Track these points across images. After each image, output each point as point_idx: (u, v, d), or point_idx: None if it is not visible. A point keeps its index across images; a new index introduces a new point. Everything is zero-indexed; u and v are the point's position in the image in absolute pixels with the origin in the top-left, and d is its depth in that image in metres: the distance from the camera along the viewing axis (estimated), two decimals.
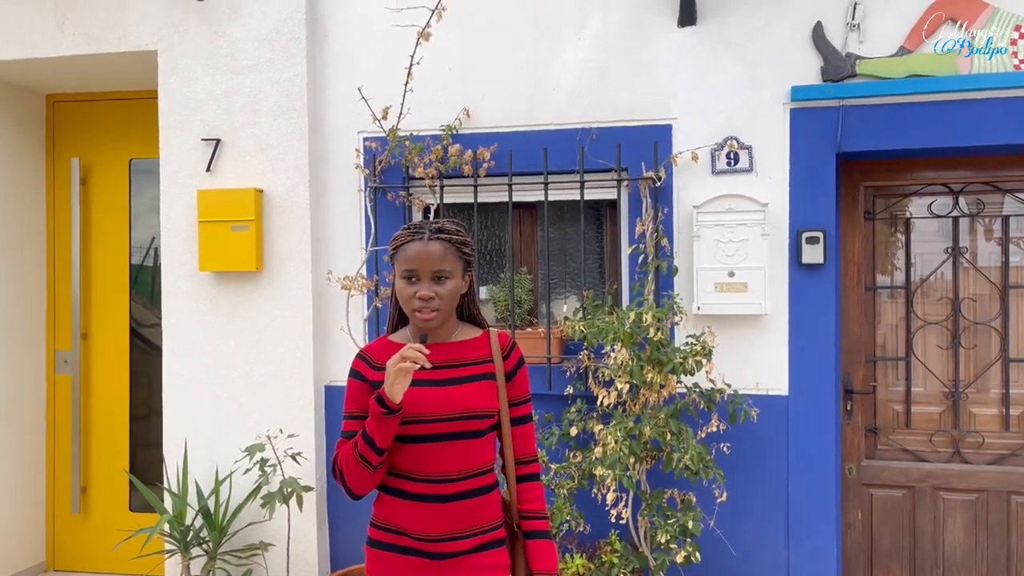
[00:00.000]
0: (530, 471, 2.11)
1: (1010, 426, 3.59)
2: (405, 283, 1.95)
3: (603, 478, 3.12)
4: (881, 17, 3.37)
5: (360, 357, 2.05)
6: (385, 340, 2.08)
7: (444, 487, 1.96)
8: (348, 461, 1.93)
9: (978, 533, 3.60)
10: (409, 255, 1.94)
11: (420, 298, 1.93)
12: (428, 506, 1.96)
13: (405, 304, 1.96)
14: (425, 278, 1.93)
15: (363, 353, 2.05)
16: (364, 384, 2.01)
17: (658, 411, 3.24)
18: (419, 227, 1.98)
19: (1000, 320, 3.59)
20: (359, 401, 2.01)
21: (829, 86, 3.38)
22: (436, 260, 1.93)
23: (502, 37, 3.72)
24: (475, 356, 2.05)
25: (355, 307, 3.79)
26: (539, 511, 2.10)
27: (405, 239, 1.97)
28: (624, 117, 3.61)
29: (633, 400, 3.29)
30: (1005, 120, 3.26)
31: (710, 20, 3.52)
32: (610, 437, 3.15)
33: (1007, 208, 3.59)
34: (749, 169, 3.49)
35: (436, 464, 1.96)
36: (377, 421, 1.87)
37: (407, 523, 1.97)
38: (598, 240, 3.89)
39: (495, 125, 3.72)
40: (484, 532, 2.01)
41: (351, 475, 1.94)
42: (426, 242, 1.94)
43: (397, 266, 1.98)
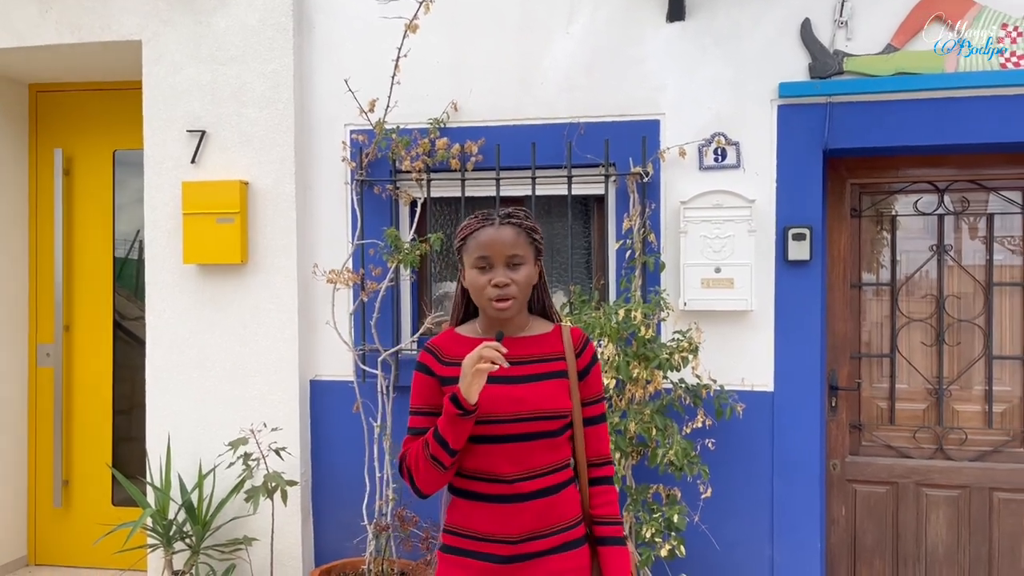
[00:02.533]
0: (603, 474, 2.00)
1: (993, 423, 3.61)
2: (478, 272, 1.87)
3: None
4: (869, 14, 3.37)
5: (427, 350, 1.95)
6: (452, 333, 1.99)
7: (519, 486, 1.88)
8: (418, 461, 1.85)
9: (960, 529, 3.62)
10: (481, 242, 1.86)
11: (496, 285, 1.84)
12: (504, 507, 1.88)
13: (478, 295, 1.88)
14: (499, 264, 1.85)
15: (430, 346, 1.96)
16: (431, 379, 1.92)
17: (644, 407, 3.24)
18: (487, 214, 1.90)
19: (984, 318, 3.61)
20: (426, 397, 1.92)
21: (817, 83, 3.39)
22: (509, 245, 1.86)
23: (490, 30, 3.70)
24: (548, 352, 1.96)
25: (341, 301, 3.77)
26: (613, 516, 1.98)
27: (475, 226, 1.89)
28: (612, 112, 3.60)
29: (619, 395, 3.29)
30: (990, 118, 3.28)
31: (698, 16, 3.52)
32: None
33: (992, 206, 3.61)
34: (736, 165, 3.49)
35: (509, 464, 1.88)
36: (451, 422, 1.78)
37: (483, 526, 1.89)
38: (585, 235, 3.88)
39: (483, 119, 3.71)
40: (563, 530, 1.92)
41: (421, 475, 1.85)
42: (498, 227, 1.87)
43: (467, 256, 1.89)
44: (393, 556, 3.60)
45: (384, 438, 3.65)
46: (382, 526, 3.57)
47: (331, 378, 3.85)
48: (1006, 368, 3.61)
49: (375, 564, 3.57)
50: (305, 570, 3.80)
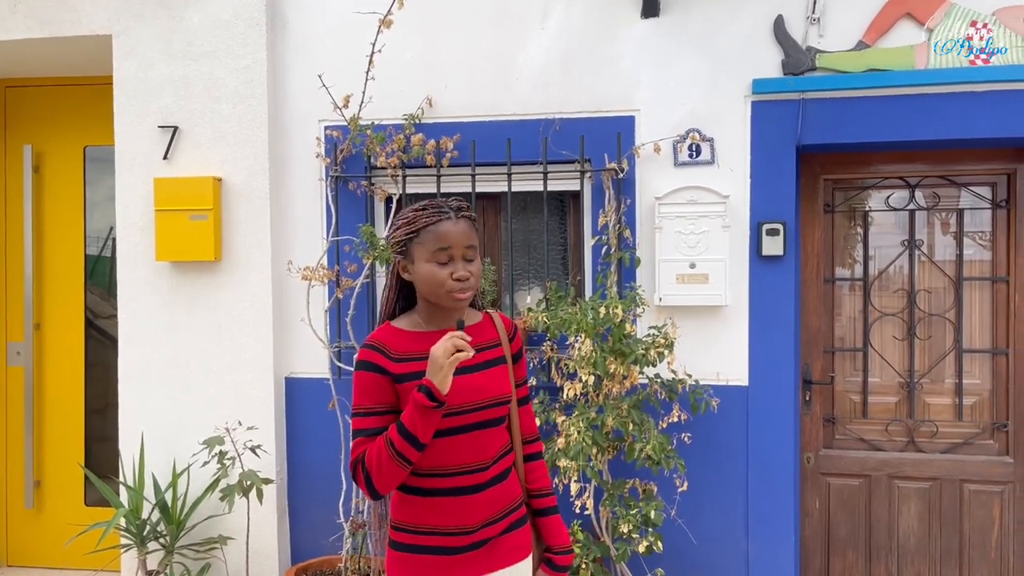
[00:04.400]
0: (535, 450, 2.11)
1: (963, 416, 3.66)
2: (436, 266, 1.85)
3: (566, 469, 3.12)
4: (840, 11, 3.40)
5: (374, 348, 1.89)
6: (391, 328, 1.94)
7: (478, 476, 1.92)
8: (380, 461, 1.80)
9: (931, 521, 3.67)
10: (440, 234, 1.85)
11: (459, 279, 1.85)
12: (465, 498, 1.90)
13: (436, 288, 1.86)
14: (458, 258, 1.86)
15: (375, 344, 1.90)
16: (382, 377, 1.87)
17: (620, 402, 3.26)
18: (439, 206, 1.89)
19: (954, 312, 3.66)
20: (378, 396, 1.87)
21: (790, 79, 3.41)
22: (467, 238, 1.87)
23: (465, 26, 3.69)
24: (488, 340, 2.00)
25: (316, 298, 3.75)
26: (547, 488, 2.11)
27: (430, 219, 1.87)
28: (587, 108, 3.60)
29: (596, 391, 3.30)
30: (960, 115, 3.32)
31: (673, 12, 3.53)
32: (573, 428, 3.16)
33: (962, 202, 3.65)
34: (711, 161, 3.51)
35: (468, 455, 1.90)
36: (423, 415, 1.77)
37: (441, 519, 1.90)
38: (561, 231, 3.88)
39: (458, 115, 3.70)
40: (512, 511, 2.01)
41: (383, 476, 1.81)
42: (456, 220, 1.87)
43: (420, 248, 1.86)
44: (370, 554, 3.59)
45: None
46: (358, 524, 3.55)
47: (307, 375, 3.82)
48: (975, 361, 3.66)
49: (351, 562, 3.55)
50: (281, 568, 3.78)
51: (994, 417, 3.64)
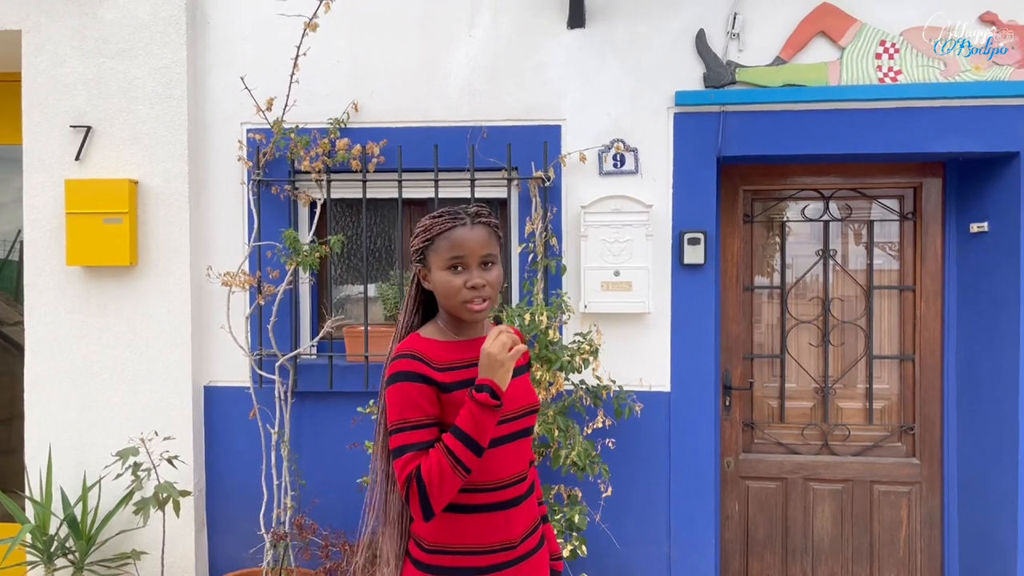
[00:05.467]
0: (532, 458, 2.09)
1: (873, 419, 3.81)
2: (450, 273, 1.78)
3: None
4: (759, 28, 3.51)
5: (415, 358, 1.78)
6: (421, 338, 1.84)
7: (519, 487, 1.87)
8: (442, 474, 1.69)
9: (844, 521, 3.80)
10: (454, 242, 1.78)
11: (473, 287, 1.78)
12: (509, 512, 1.85)
13: (451, 297, 1.79)
14: (474, 265, 1.79)
15: (415, 353, 1.79)
16: (429, 387, 1.76)
17: (547, 408, 3.27)
18: (454, 213, 1.82)
19: (865, 319, 3.81)
20: (426, 407, 1.76)
21: (710, 92, 3.50)
22: (484, 245, 1.79)
23: (393, 31, 3.67)
24: None
25: (237, 304, 3.66)
26: (542, 496, 2.12)
27: (445, 225, 1.80)
28: (515, 116, 3.62)
29: None
30: (870, 130, 3.45)
31: (598, 23, 3.58)
32: None
33: (873, 214, 3.81)
34: (635, 171, 3.57)
35: (512, 466, 1.85)
36: (486, 416, 1.71)
37: (488, 536, 1.82)
38: None
39: (385, 120, 3.67)
40: (540, 524, 2.00)
41: (443, 490, 1.71)
42: (471, 227, 1.80)
43: (436, 256, 1.80)
44: (292, 565, 3.52)
45: (282, 445, 3.57)
46: (280, 535, 3.48)
47: (226, 384, 3.73)
48: (885, 367, 3.82)
49: (272, 573, 3.47)
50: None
51: (902, 420, 3.80)
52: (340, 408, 3.65)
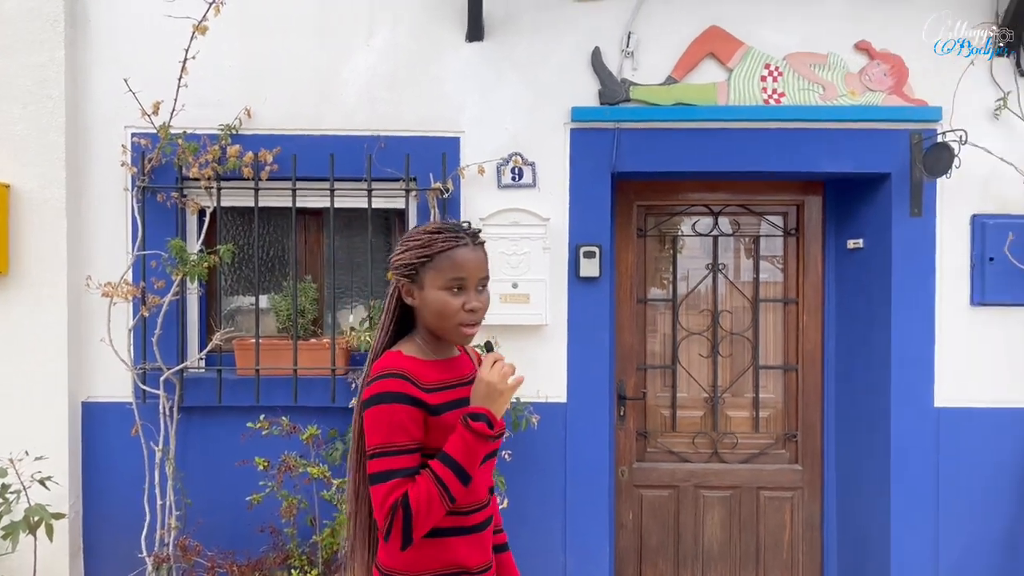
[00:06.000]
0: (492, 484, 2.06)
1: (760, 427, 3.96)
2: (448, 294, 1.73)
3: None
4: (652, 47, 3.61)
5: (404, 378, 1.70)
6: (403, 356, 1.77)
7: (487, 510, 1.84)
8: (431, 502, 1.64)
9: (732, 527, 3.93)
10: (457, 262, 1.73)
11: (471, 310, 1.74)
12: (482, 535, 1.81)
13: (446, 318, 1.73)
14: (472, 287, 1.75)
15: (401, 373, 1.71)
16: (417, 410, 1.69)
17: None
18: (455, 231, 1.76)
19: (752, 331, 3.96)
20: (412, 431, 1.68)
21: (606, 109, 3.57)
22: (482, 267, 1.76)
23: (288, 37, 3.59)
24: (472, 371, 1.90)
25: (119, 316, 3.49)
26: (501, 524, 2.12)
27: (447, 244, 1.73)
28: (413, 127, 3.60)
29: None
30: (756, 149, 3.59)
31: (497, 38, 3.60)
32: None
33: (760, 229, 3.96)
34: (532, 185, 3.60)
35: (483, 489, 1.82)
36: (481, 446, 1.68)
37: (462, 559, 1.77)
38: (387, 249, 3.85)
39: (279, 127, 3.58)
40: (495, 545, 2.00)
41: (428, 519, 1.65)
42: (472, 247, 1.76)
43: (433, 274, 1.74)
44: None
45: (167, 463, 3.42)
46: (162, 557, 3.33)
47: (107, 400, 3.55)
48: (770, 377, 3.97)
49: None
50: None
51: (786, 428, 3.96)
52: (229, 423, 3.52)
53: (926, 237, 3.54)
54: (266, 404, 3.51)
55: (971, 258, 3.54)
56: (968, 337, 3.55)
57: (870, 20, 3.57)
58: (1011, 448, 3.55)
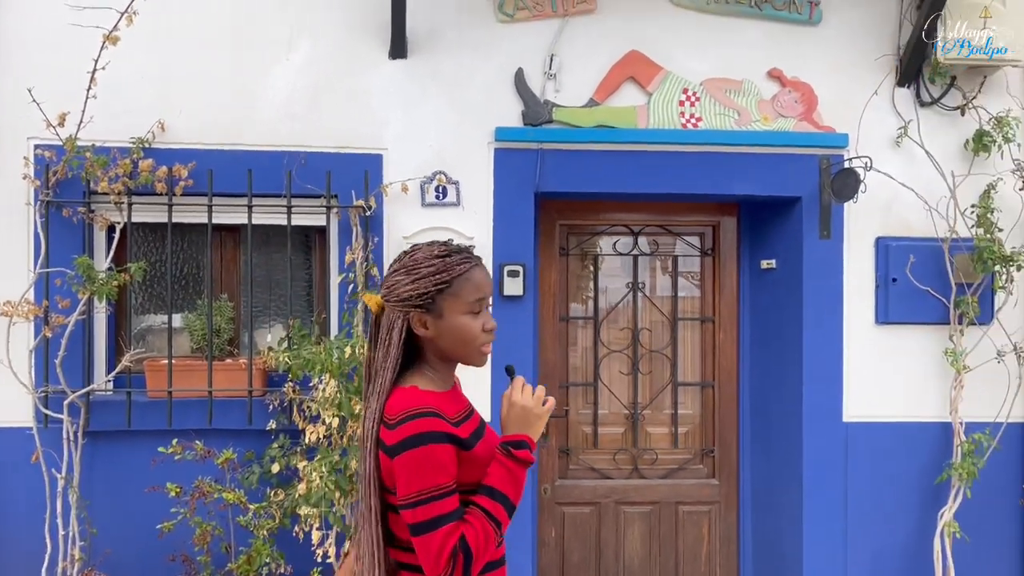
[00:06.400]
0: None
1: (678, 443, 4.04)
2: (471, 318, 1.68)
3: (307, 517, 3.01)
4: (574, 70, 3.66)
5: (438, 416, 1.61)
6: (420, 392, 1.67)
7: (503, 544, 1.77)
8: (488, 540, 1.58)
9: (652, 542, 3.99)
10: (476, 283, 1.68)
11: (490, 330, 1.71)
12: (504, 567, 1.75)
13: (469, 343, 1.68)
14: (486, 307, 1.73)
15: (436, 411, 1.61)
16: (453, 447, 1.61)
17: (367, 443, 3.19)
18: (463, 252, 1.70)
19: (671, 348, 4.04)
20: (452, 471, 1.60)
21: (529, 130, 3.60)
22: (491, 286, 1.76)
23: (205, 49, 3.49)
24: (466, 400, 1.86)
25: (19, 337, 3.31)
26: None
27: (463, 267, 1.67)
28: (335, 144, 3.55)
29: (340, 433, 3.22)
30: (674, 172, 3.68)
31: (421, 56, 3.59)
32: (315, 473, 3.06)
33: (677, 249, 4.06)
34: (457, 203, 3.60)
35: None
36: (523, 473, 1.66)
37: None
38: (306, 267, 3.77)
39: (195, 141, 3.48)
40: None
41: (485, 558, 1.60)
42: (481, 267, 1.72)
43: (454, 299, 1.67)
44: None
45: (70, 490, 3.25)
46: None
47: (5, 425, 3.36)
48: (688, 393, 4.06)
49: None
50: None
51: (703, 443, 4.05)
52: (140, 448, 3.38)
53: (834, 258, 3.70)
54: (179, 427, 3.38)
55: (876, 279, 3.70)
56: (873, 354, 3.71)
57: (782, 49, 3.71)
58: (914, 460, 3.72)
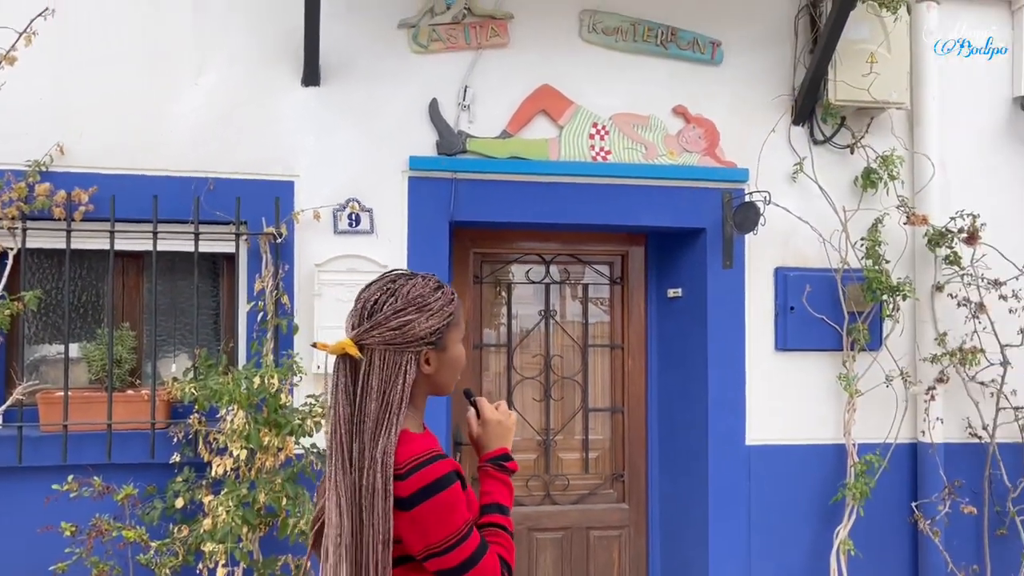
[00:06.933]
0: None
1: (589, 468, 4.11)
2: (462, 345, 1.69)
3: (213, 553, 2.92)
4: (488, 102, 3.71)
5: (446, 457, 1.58)
6: (415, 435, 1.60)
7: None
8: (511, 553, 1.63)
9: (564, 567, 4.03)
10: (462, 315, 1.69)
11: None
12: None
13: (457, 372, 1.68)
14: None
15: (440, 453, 1.58)
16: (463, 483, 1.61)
17: (274, 475, 3.13)
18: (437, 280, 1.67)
19: (582, 375, 4.12)
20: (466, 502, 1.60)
21: (443, 159, 3.63)
22: None
23: (111, 71, 3.39)
24: None
25: None
26: None
27: (455, 294, 1.68)
28: (246, 170, 3.50)
29: (248, 466, 3.14)
30: (584, 203, 3.77)
31: (335, 83, 3.58)
32: (221, 508, 2.97)
33: (587, 278, 4.16)
34: (370, 231, 3.59)
35: None
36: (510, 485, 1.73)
37: None
38: (214, 295, 3.69)
39: (97, 165, 3.37)
40: None
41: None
42: None
43: (454, 331, 1.64)
44: None
45: None
46: None
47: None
48: (599, 419, 4.15)
49: None
50: None
51: (613, 469, 4.14)
52: (31, 485, 3.21)
53: (737, 288, 3.86)
54: (75, 463, 3.22)
55: (775, 307, 3.88)
56: (773, 380, 3.88)
57: (686, 87, 3.87)
58: (811, 480, 3.89)
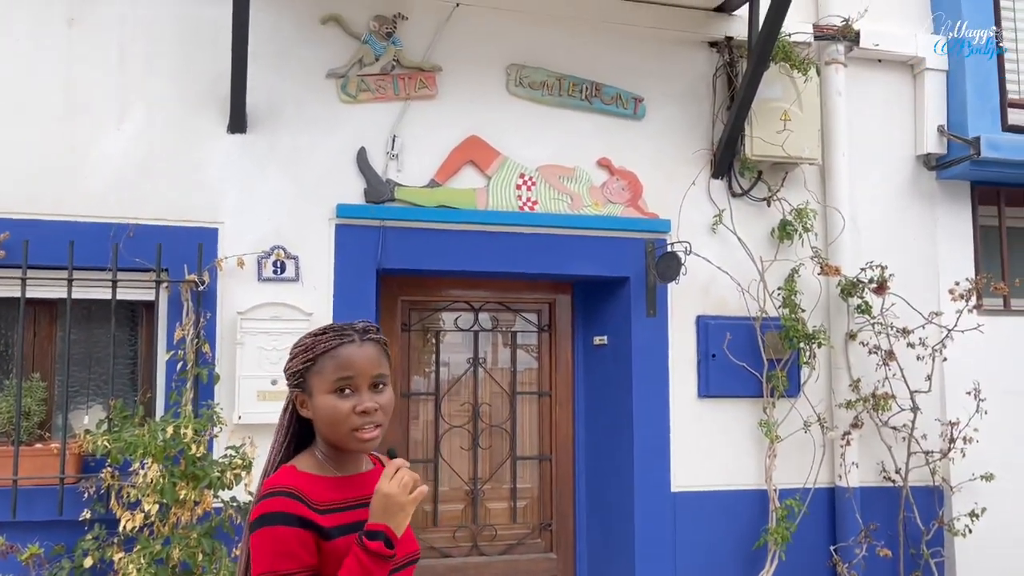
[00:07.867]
0: None
1: (517, 518, 4.09)
2: (336, 397, 1.54)
3: None
4: (416, 151, 3.75)
5: (292, 497, 1.50)
6: (295, 471, 1.57)
7: None
8: None
9: None
10: (341, 362, 1.55)
11: (364, 412, 1.54)
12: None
13: (337, 425, 1.54)
14: (364, 387, 1.56)
15: (291, 491, 1.51)
16: (307, 533, 1.48)
17: (190, 530, 3.03)
18: (342, 329, 1.59)
19: (510, 422, 4.12)
20: (302, 556, 1.47)
21: (371, 207, 3.64)
22: (374, 364, 1.58)
23: (26, 114, 3.33)
24: None
25: None
26: None
27: (330, 344, 1.57)
28: (167, 216, 3.44)
29: (162, 521, 3.03)
30: (512, 252, 3.82)
31: (261, 131, 3.58)
32: (132, 566, 2.86)
33: (516, 326, 4.19)
34: (295, 279, 3.56)
35: None
36: (379, 567, 1.46)
37: None
38: (132, 344, 3.59)
39: (8, 210, 3.28)
40: None
41: None
42: (360, 344, 1.58)
43: (319, 378, 1.56)
44: None
45: None
46: None
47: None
48: (527, 467, 4.14)
49: None
50: None
51: (541, 517, 4.12)
52: None
53: (660, 335, 3.94)
54: None
55: (697, 354, 3.97)
56: (697, 426, 3.95)
57: (611, 140, 3.99)
58: (735, 526, 3.95)
